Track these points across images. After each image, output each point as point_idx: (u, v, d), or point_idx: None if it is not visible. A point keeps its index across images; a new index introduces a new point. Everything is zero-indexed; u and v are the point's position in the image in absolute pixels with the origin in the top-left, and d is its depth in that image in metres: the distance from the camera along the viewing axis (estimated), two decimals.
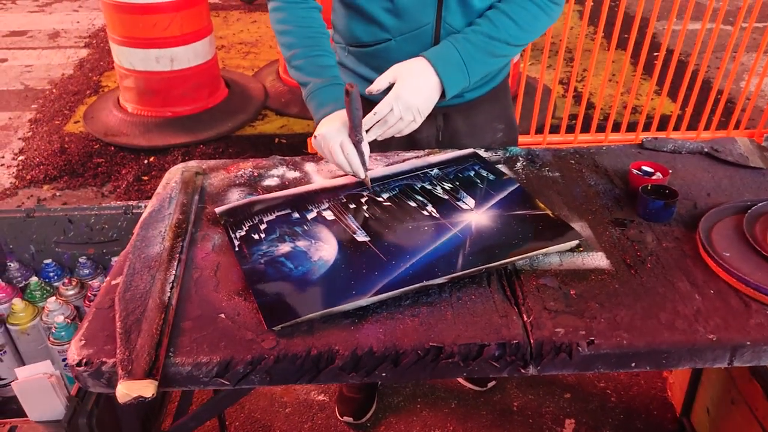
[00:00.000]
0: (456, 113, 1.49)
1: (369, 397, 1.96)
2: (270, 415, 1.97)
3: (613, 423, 1.91)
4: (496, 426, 1.91)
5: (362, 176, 1.24)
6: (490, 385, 2.03)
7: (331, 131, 1.22)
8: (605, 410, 1.95)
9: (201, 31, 3.58)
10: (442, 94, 1.27)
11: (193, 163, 1.45)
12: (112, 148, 3.49)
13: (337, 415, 1.94)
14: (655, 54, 4.10)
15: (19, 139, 3.70)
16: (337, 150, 1.21)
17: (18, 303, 1.46)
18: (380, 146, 1.48)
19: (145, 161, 3.38)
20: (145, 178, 3.25)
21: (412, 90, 1.21)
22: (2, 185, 3.23)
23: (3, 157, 3.50)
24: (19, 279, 1.59)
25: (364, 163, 1.22)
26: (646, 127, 3.40)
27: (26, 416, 1.05)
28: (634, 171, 1.27)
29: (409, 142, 1.47)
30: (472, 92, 1.46)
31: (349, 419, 1.91)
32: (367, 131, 1.22)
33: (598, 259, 1.09)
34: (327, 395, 2.02)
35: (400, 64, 1.25)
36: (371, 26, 1.35)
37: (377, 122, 1.22)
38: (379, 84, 1.24)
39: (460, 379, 2.05)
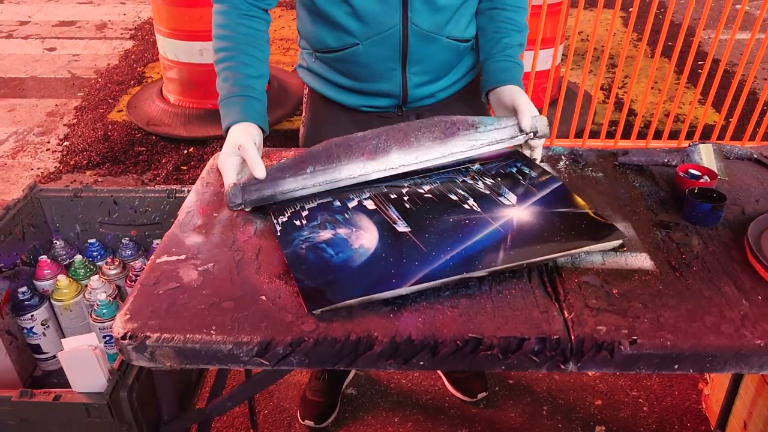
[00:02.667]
0: (428, 113, 1.48)
1: (332, 402, 1.93)
2: (298, 405, 1.98)
3: None
4: (524, 429, 1.89)
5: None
6: (480, 396, 1.97)
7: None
8: (637, 419, 1.92)
9: None
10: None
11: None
12: (154, 138, 3.57)
13: (299, 418, 1.91)
14: (701, 63, 4.02)
15: (65, 125, 3.81)
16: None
17: (63, 280, 1.50)
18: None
19: (185, 151, 3.45)
20: (184, 168, 3.31)
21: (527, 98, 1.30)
22: (47, 169, 3.32)
23: (49, 142, 3.60)
24: (64, 257, 1.63)
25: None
26: (689, 136, 3.34)
27: (69, 387, 1.07)
28: (681, 174, 1.25)
29: None
30: (444, 91, 1.48)
31: (310, 423, 1.88)
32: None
33: (642, 260, 1.08)
34: (356, 388, 2.03)
35: (506, 100, 1.32)
36: (337, 31, 1.34)
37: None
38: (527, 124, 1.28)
39: (450, 389, 2.02)
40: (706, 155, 1.35)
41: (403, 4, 1.29)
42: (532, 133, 1.31)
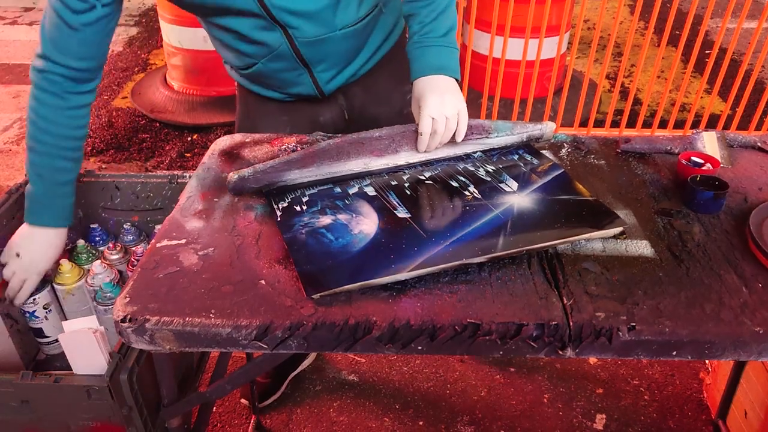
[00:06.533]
0: (355, 87, 1.48)
1: (276, 386, 1.96)
2: (300, 391, 1.99)
3: (645, 421, 1.88)
4: (525, 416, 1.90)
5: None
6: None
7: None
8: (637, 408, 1.93)
9: None
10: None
11: (238, 136, 1.47)
12: (157, 125, 3.57)
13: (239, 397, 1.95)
14: (707, 52, 3.99)
15: None
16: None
17: (65, 264, 1.50)
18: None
19: (189, 138, 3.44)
20: (188, 155, 3.31)
21: (433, 93, 1.22)
22: None
23: None
24: (66, 242, 1.63)
25: None
26: (694, 126, 3.33)
27: (70, 369, 1.08)
28: (683, 161, 1.25)
29: (313, 125, 1.50)
30: (363, 67, 1.46)
31: (245, 402, 1.92)
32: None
33: (643, 247, 1.07)
34: (357, 375, 2.04)
35: (416, 96, 1.26)
36: (235, 53, 1.38)
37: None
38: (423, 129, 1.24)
39: None
40: (709, 143, 1.34)
41: (281, 26, 1.27)
42: (535, 139, 1.35)
